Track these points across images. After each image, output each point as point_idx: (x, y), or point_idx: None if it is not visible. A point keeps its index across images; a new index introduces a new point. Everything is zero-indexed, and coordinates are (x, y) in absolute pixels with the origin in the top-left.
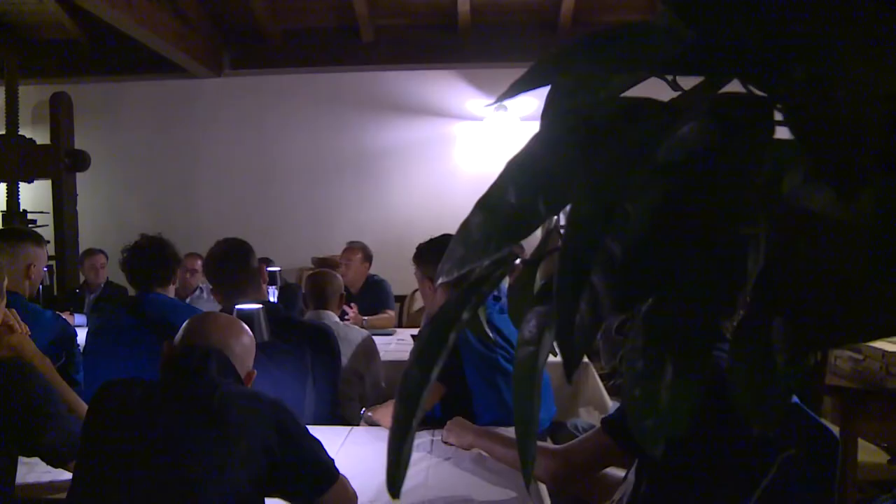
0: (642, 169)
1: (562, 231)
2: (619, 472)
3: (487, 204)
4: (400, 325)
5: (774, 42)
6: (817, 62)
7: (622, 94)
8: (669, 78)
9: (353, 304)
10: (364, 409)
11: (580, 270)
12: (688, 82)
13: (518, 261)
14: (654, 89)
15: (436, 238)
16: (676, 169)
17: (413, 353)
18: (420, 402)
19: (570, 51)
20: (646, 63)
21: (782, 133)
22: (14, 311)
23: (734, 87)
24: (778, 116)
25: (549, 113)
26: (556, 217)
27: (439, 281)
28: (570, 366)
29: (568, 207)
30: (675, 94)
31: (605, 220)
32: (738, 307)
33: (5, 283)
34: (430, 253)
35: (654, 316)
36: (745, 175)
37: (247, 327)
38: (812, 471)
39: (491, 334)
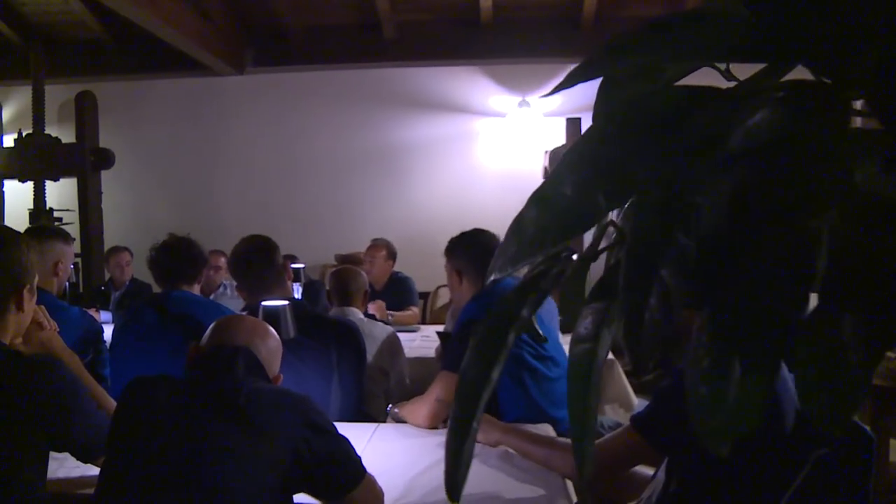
0: (711, 159)
1: (615, 226)
2: (646, 471)
3: (542, 198)
4: (423, 322)
5: (843, 26)
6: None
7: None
8: (722, 67)
9: (376, 301)
10: (391, 405)
11: (649, 264)
12: (741, 71)
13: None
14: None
15: (467, 232)
16: (748, 159)
17: (470, 352)
18: (480, 403)
19: (627, 41)
20: (705, 51)
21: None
22: (43, 307)
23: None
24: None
25: (604, 104)
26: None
27: (491, 277)
28: (640, 364)
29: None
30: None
31: (673, 211)
32: (808, 302)
33: (36, 280)
34: (461, 246)
35: (721, 311)
36: (818, 165)
37: (273, 331)
38: (846, 470)
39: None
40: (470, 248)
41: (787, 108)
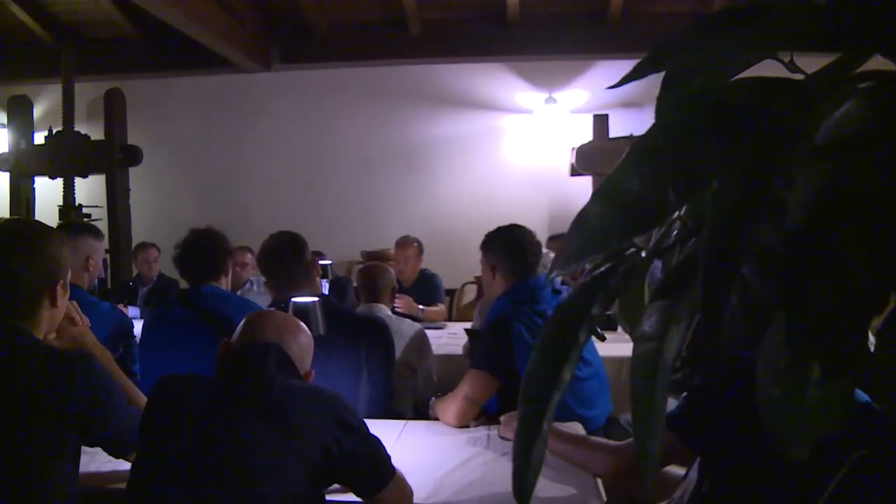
0: (795, 153)
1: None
2: (677, 471)
3: (607, 193)
4: (449, 319)
5: None
6: None
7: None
8: (786, 59)
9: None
10: (433, 398)
11: (730, 261)
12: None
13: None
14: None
15: (504, 227)
16: (837, 153)
17: (536, 353)
18: (550, 404)
19: (692, 34)
20: (774, 41)
21: None
22: (75, 303)
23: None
24: None
25: (669, 98)
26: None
27: (552, 275)
28: (720, 363)
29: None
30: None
31: (755, 206)
32: (889, 304)
33: (69, 276)
34: (496, 241)
35: (802, 310)
36: None
37: (305, 326)
38: (884, 473)
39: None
40: (505, 243)
41: (875, 100)
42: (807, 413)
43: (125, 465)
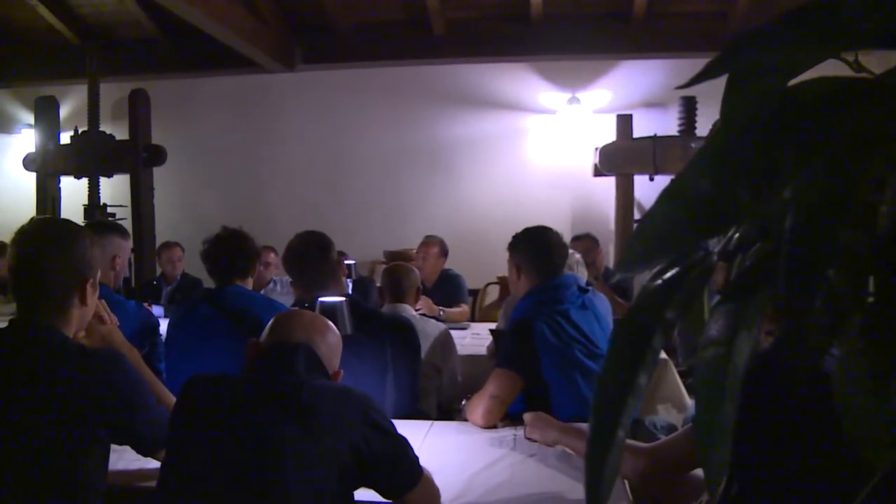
0: (883, 154)
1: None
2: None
3: (676, 194)
4: (472, 320)
5: None
6: None
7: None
8: (850, 58)
9: (423, 297)
10: (464, 400)
11: (816, 263)
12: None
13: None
14: None
15: (531, 228)
16: None
17: (609, 357)
18: (624, 410)
19: (760, 34)
20: (846, 38)
21: None
22: (104, 301)
23: None
24: None
25: (735, 98)
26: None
27: (615, 278)
28: (805, 370)
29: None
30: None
31: (841, 207)
32: None
33: (98, 274)
34: (523, 242)
35: (886, 315)
36: None
37: (333, 326)
38: None
39: (569, 329)
40: (531, 244)
41: None
42: (890, 421)
43: (153, 464)
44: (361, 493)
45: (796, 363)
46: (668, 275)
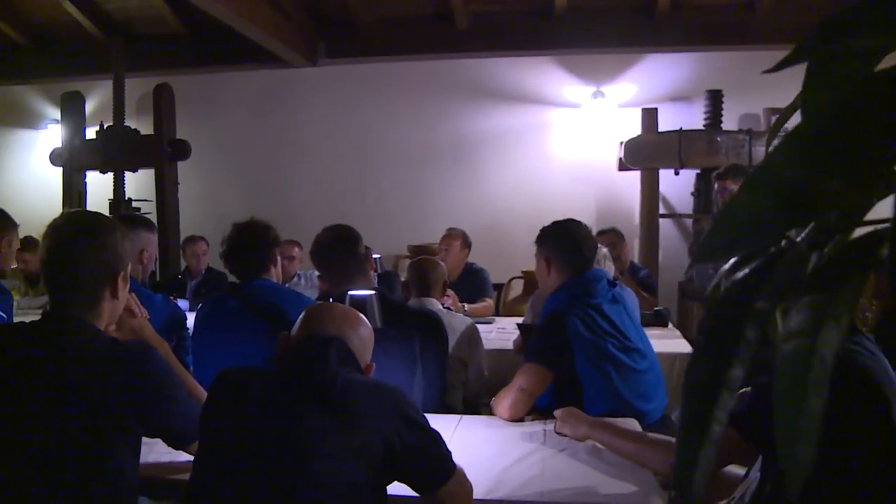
0: None
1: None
2: (735, 471)
3: (761, 182)
4: (497, 314)
5: None
6: None
7: None
8: None
9: (450, 292)
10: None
11: None
12: None
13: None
14: None
15: (560, 221)
16: None
17: (697, 350)
18: (717, 402)
19: (847, 18)
20: None
21: None
22: (134, 294)
23: None
24: None
25: (817, 86)
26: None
27: (691, 269)
28: None
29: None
30: None
31: None
32: None
33: (129, 268)
34: (553, 235)
35: None
36: None
37: (365, 319)
38: None
39: (602, 323)
40: (561, 237)
41: None
42: None
43: (184, 456)
44: (394, 488)
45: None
46: (753, 265)
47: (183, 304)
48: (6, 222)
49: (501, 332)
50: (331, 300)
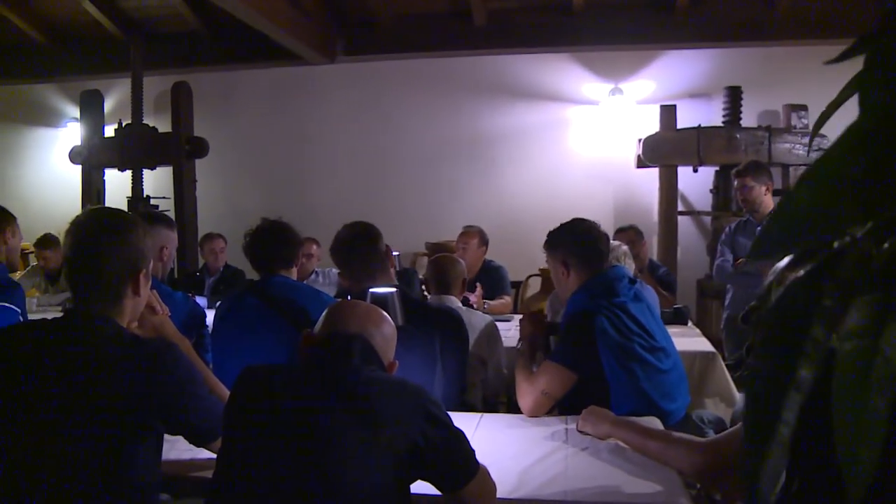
0: None
1: None
2: None
3: (820, 178)
4: (515, 312)
5: None
6: None
7: None
8: None
9: (477, 286)
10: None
11: None
12: None
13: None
14: None
15: (567, 223)
16: None
17: (759, 348)
18: (785, 404)
19: None
20: None
21: None
22: (156, 292)
23: None
24: None
25: (874, 80)
26: None
27: (747, 266)
28: None
29: None
30: None
31: None
32: None
33: (151, 265)
34: (566, 237)
35: None
36: None
37: (388, 317)
38: None
39: (629, 323)
40: (576, 237)
41: None
42: None
43: (205, 454)
44: (417, 487)
45: None
46: (814, 262)
47: (201, 301)
48: (3, 215)
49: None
50: (349, 297)
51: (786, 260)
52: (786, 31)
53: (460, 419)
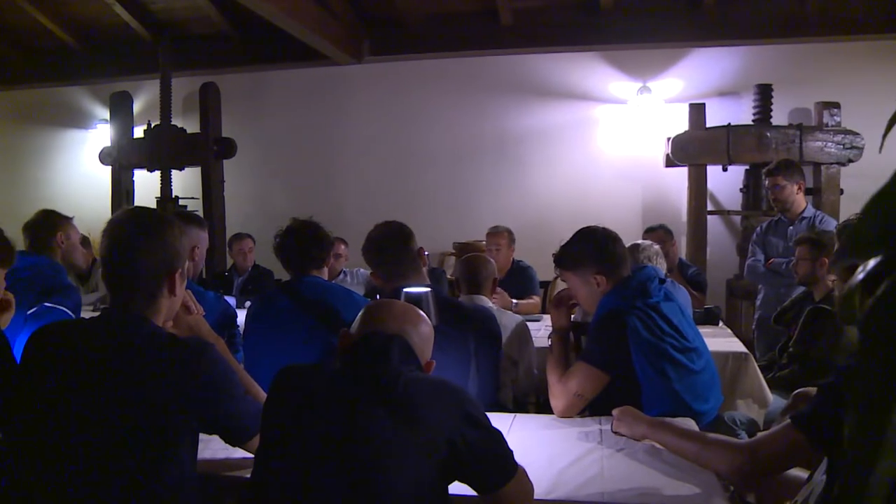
0: None
1: None
2: (798, 473)
3: None
4: (543, 311)
5: None
6: None
7: None
8: None
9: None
10: None
11: None
12: None
13: None
14: None
15: (574, 238)
16: None
17: (865, 347)
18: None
19: None
20: None
21: None
22: (190, 291)
23: None
24: None
25: None
26: None
27: (842, 264)
28: None
29: None
30: None
31: None
32: None
33: (186, 264)
34: (583, 251)
35: None
36: None
37: (425, 316)
38: None
39: (661, 323)
40: (591, 245)
41: None
42: None
43: (239, 453)
44: (454, 488)
45: None
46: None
47: (230, 300)
48: (57, 218)
49: (549, 330)
50: (377, 297)
51: (874, 261)
52: (817, 28)
53: (493, 419)
